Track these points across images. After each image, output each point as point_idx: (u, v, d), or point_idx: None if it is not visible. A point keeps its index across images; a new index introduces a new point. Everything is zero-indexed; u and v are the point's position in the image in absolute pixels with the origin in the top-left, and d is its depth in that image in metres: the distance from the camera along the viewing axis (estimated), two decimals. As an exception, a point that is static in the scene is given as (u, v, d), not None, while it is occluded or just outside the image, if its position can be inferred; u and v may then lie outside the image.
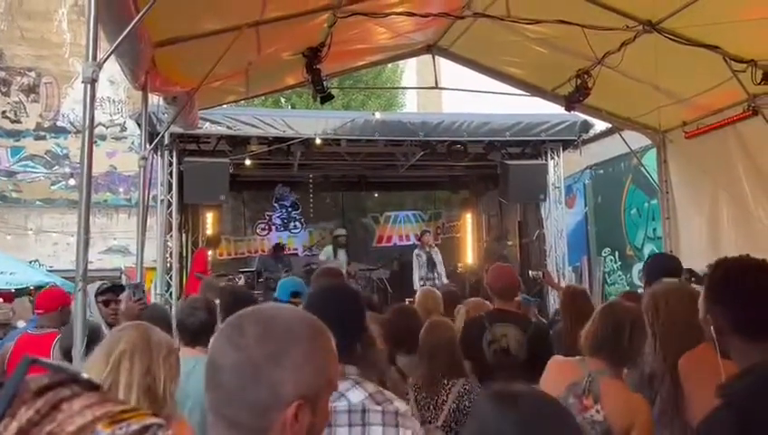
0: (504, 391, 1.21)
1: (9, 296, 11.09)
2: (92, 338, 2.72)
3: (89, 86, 2.76)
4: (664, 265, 3.71)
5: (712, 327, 1.79)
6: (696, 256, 6.47)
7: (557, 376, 2.55)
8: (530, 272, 8.95)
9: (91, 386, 0.84)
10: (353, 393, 1.89)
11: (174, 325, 3.53)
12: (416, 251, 11.29)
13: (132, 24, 3.14)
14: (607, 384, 2.45)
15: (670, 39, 5.09)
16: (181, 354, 2.44)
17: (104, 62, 2.88)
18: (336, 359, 1.16)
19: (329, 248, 12.03)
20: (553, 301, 9.63)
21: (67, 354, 3.22)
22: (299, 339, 1.09)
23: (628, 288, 10.66)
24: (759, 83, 5.25)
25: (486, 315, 3.72)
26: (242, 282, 10.52)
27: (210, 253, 10.78)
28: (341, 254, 11.66)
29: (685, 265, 5.79)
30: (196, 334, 3.20)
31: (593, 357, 2.55)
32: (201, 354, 3.04)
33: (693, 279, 5.02)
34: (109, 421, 0.78)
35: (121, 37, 3.08)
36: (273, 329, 1.09)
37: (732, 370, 1.79)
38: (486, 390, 1.31)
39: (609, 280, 11.72)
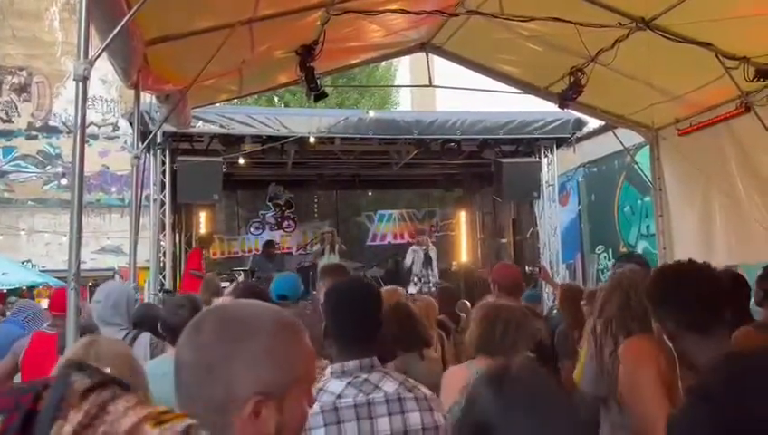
0: (502, 370, 1.23)
1: (0, 296, 11.04)
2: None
3: (80, 84, 2.74)
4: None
5: (664, 335, 1.85)
6: (690, 253, 6.48)
7: (450, 383, 2.59)
8: (526, 268, 8.99)
9: (126, 387, 0.86)
10: (387, 384, 1.96)
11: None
12: (413, 247, 11.35)
13: (124, 20, 3.11)
14: None
15: (663, 36, 5.10)
16: (168, 355, 2.40)
17: (96, 59, 2.85)
18: (310, 354, 1.13)
19: (318, 247, 12.03)
20: (547, 297, 9.66)
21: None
22: (256, 333, 1.07)
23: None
24: (752, 80, 5.27)
25: None
26: (241, 278, 10.54)
27: (204, 252, 10.76)
28: (327, 247, 11.57)
29: (678, 262, 5.78)
30: (180, 334, 3.15)
31: (479, 357, 2.68)
32: None
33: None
34: (154, 422, 0.80)
35: (113, 34, 3.06)
36: (229, 326, 1.08)
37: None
38: (485, 370, 1.35)
39: (602, 277, 11.75)
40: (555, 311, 6.47)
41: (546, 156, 10.31)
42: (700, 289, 1.89)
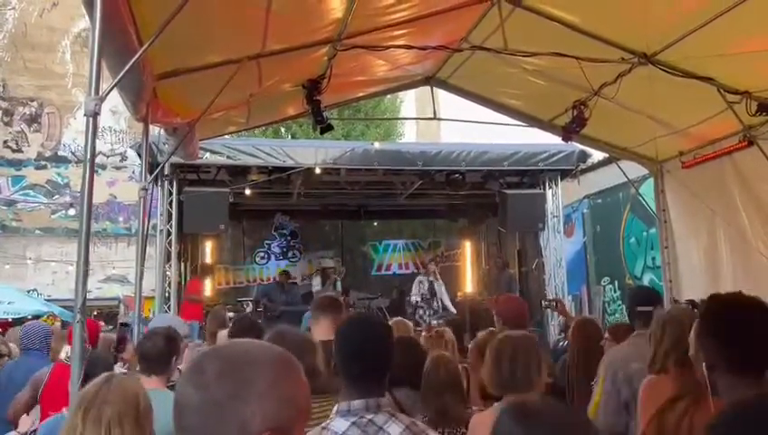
0: (526, 406, 1.24)
1: (6, 326, 11.03)
2: (94, 369, 2.69)
3: (91, 119, 2.78)
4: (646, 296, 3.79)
5: (704, 363, 1.81)
6: (696, 285, 6.49)
7: (480, 429, 2.47)
8: (542, 302, 8.92)
9: None
10: (392, 427, 1.91)
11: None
12: (419, 277, 11.35)
13: (134, 58, 3.18)
14: None
15: (665, 71, 5.16)
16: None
17: (106, 95, 2.91)
18: (307, 389, 1.14)
19: (317, 278, 12.03)
20: (554, 331, 9.59)
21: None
22: (261, 371, 1.07)
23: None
24: (754, 114, 5.31)
25: None
26: (249, 309, 10.57)
27: (207, 281, 10.79)
28: (329, 287, 11.59)
29: (685, 295, 5.81)
30: (153, 362, 3.14)
31: (506, 397, 2.53)
32: (156, 386, 2.98)
33: (695, 310, 5.02)
34: None
35: (123, 72, 3.12)
36: (232, 364, 1.08)
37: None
38: (507, 407, 1.37)
39: (609, 309, 11.68)
40: (561, 343, 6.43)
41: (551, 187, 10.33)
42: (749, 325, 1.80)
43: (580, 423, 1.27)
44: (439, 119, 7.63)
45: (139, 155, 6.62)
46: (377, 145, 9.81)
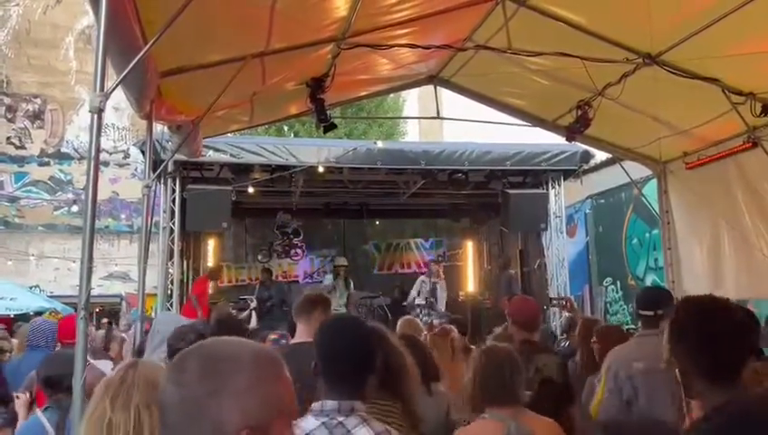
0: (622, 424, 1.26)
1: (8, 322, 11.04)
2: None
3: (95, 116, 2.78)
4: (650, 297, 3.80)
5: (677, 369, 1.81)
6: (698, 287, 6.46)
7: None
8: (551, 300, 8.90)
9: None
10: (361, 431, 1.90)
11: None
12: (422, 278, 11.35)
13: (139, 56, 3.18)
14: (529, 421, 2.57)
15: (670, 72, 5.15)
16: None
17: (111, 92, 2.90)
18: (290, 387, 1.13)
19: (330, 276, 12.06)
20: (555, 328, 9.58)
21: (48, 382, 3.16)
22: (241, 369, 1.08)
23: (630, 318, 10.64)
24: (758, 115, 5.30)
25: (521, 348, 3.69)
26: (254, 305, 10.59)
27: (211, 283, 10.75)
28: (340, 282, 11.65)
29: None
30: None
31: (496, 407, 2.59)
32: None
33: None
34: None
35: (128, 69, 3.12)
36: (213, 362, 1.08)
37: None
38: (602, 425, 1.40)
39: (610, 310, 11.67)
40: (562, 344, 6.43)
41: (553, 187, 10.32)
42: (720, 330, 1.81)
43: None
44: (442, 118, 7.62)
45: (143, 152, 6.62)
46: (379, 144, 9.82)
